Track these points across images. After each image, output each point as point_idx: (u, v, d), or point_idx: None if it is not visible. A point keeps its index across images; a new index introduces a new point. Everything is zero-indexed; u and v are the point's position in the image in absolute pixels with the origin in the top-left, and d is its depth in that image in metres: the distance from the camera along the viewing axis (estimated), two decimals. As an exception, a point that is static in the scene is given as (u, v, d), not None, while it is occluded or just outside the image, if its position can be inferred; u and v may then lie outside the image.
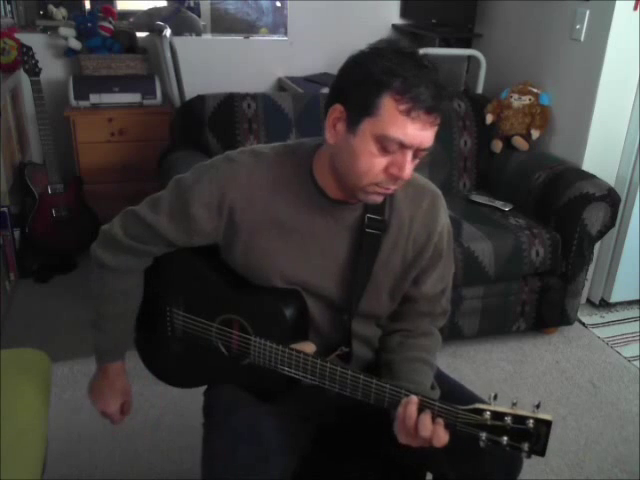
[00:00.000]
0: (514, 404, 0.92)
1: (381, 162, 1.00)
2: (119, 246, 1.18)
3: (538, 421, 0.89)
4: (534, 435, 0.90)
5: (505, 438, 0.91)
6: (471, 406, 0.93)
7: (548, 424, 0.89)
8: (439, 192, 1.19)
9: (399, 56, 0.97)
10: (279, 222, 1.12)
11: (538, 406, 0.90)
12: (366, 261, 1.13)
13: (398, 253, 1.15)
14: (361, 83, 0.98)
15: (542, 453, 0.91)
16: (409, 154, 0.99)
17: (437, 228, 1.16)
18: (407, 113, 0.95)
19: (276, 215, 1.11)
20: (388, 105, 0.96)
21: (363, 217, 1.12)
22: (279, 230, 1.12)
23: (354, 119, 0.99)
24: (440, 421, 0.96)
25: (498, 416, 0.91)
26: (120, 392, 1.29)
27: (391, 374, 1.15)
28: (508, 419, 0.90)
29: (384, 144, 0.98)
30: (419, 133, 0.97)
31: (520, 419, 0.90)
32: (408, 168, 1.00)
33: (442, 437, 0.95)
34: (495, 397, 0.93)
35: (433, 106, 0.96)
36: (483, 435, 0.92)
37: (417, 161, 1.03)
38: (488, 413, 0.92)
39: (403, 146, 0.98)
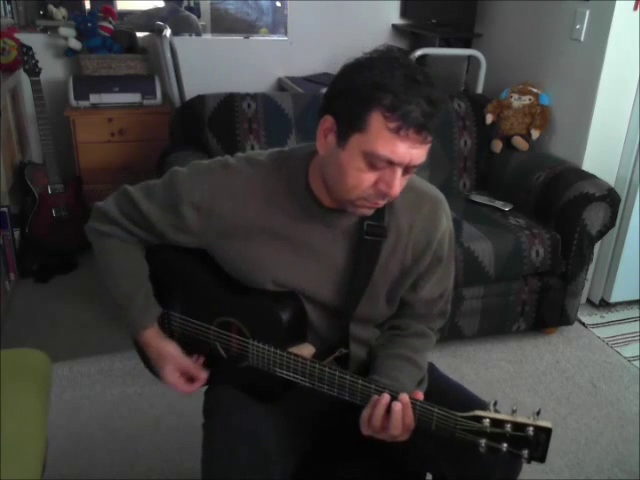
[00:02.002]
0: (514, 411, 0.91)
1: (369, 178, 0.98)
2: (113, 221, 1.19)
3: (538, 428, 0.89)
4: (534, 442, 0.89)
5: (505, 445, 0.90)
6: (470, 413, 0.93)
7: (548, 431, 0.89)
8: (442, 197, 1.17)
9: (391, 69, 0.93)
10: (272, 230, 1.11)
11: (538, 413, 0.90)
12: (365, 267, 1.11)
13: (396, 259, 1.14)
14: (351, 97, 0.95)
15: (542, 459, 0.91)
16: (399, 171, 0.97)
17: (437, 235, 1.14)
18: (396, 131, 0.92)
19: (269, 223, 1.11)
20: (377, 122, 0.93)
21: (360, 223, 1.10)
22: (271, 237, 1.11)
23: (343, 133, 0.97)
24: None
25: (497, 423, 0.90)
26: (166, 358, 1.19)
27: (372, 368, 1.15)
28: (508, 426, 0.89)
29: (372, 161, 0.96)
30: (409, 151, 0.94)
31: (520, 426, 0.89)
32: (397, 185, 0.98)
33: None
34: (495, 404, 0.93)
35: (424, 124, 0.92)
36: (482, 442, 0.91)
37: (409, 175, 1.01)
38: (487, 420, 0.91)
39: (392, 163, 0.96)
